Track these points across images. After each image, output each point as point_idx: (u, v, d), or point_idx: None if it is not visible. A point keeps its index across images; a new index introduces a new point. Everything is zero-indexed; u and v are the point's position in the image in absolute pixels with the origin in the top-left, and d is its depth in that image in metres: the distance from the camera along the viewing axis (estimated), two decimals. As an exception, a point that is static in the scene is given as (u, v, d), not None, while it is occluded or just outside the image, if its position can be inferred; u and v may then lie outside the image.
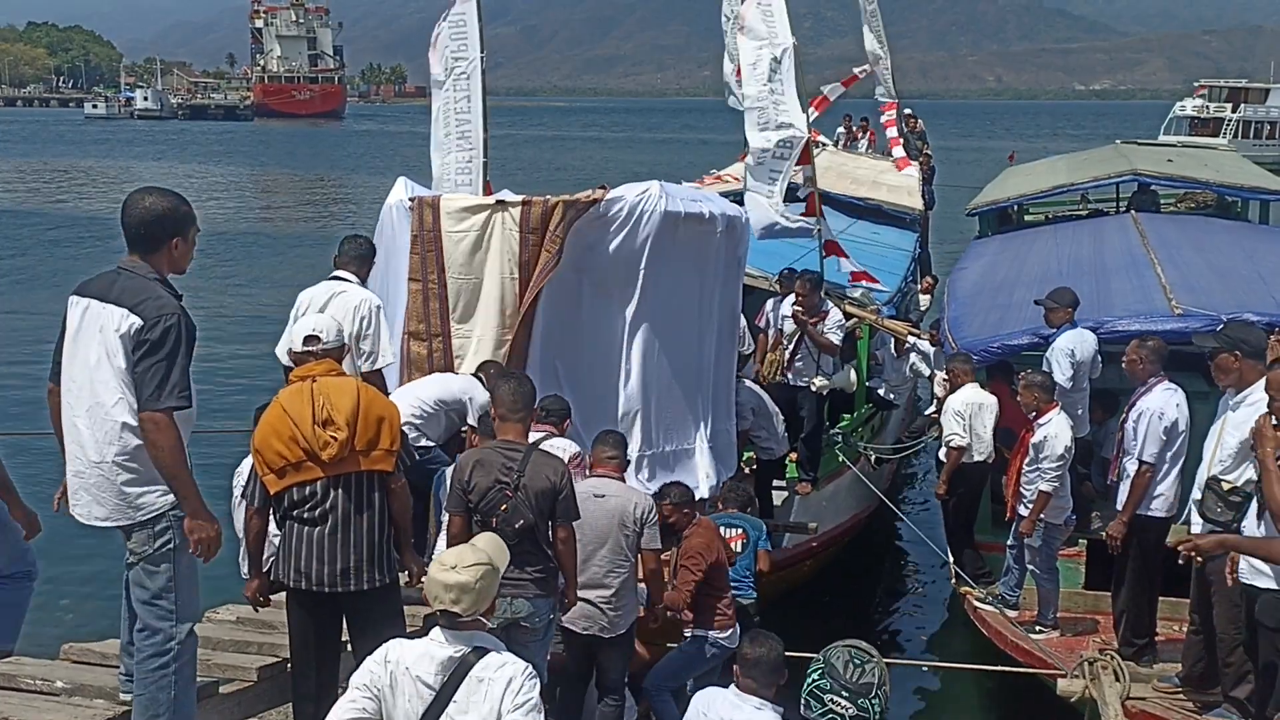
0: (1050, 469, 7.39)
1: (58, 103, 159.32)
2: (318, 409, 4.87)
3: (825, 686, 3.48)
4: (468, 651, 3.63)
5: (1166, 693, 6.52)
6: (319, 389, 4.94)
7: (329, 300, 6.45)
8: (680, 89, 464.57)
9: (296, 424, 4.86)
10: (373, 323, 6.38)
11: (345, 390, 4.95)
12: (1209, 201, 15.71)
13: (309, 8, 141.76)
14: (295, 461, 4.87)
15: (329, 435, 4.82)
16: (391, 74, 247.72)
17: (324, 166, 63.48)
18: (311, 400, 4.89)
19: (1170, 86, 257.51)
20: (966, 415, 8.37)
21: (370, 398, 4.99)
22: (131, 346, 4.21)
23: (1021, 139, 75.67)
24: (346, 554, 4.87)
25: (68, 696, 4.98)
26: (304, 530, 4.91)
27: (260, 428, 5.06)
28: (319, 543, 4.88)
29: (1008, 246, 13.58)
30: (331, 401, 4.88)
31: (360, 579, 4.90)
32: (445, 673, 3.60)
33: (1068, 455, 7.45)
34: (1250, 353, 5.98)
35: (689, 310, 7.91)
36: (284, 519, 4.99)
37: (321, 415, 4.85)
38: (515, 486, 5.29)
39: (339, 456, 4.83)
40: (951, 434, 8.46)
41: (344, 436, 4.82)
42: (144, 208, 4.37)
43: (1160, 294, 8.85)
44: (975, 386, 8.53)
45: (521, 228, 7.40)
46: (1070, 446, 7.47)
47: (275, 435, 4.92)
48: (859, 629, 9.62)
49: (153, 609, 4.40)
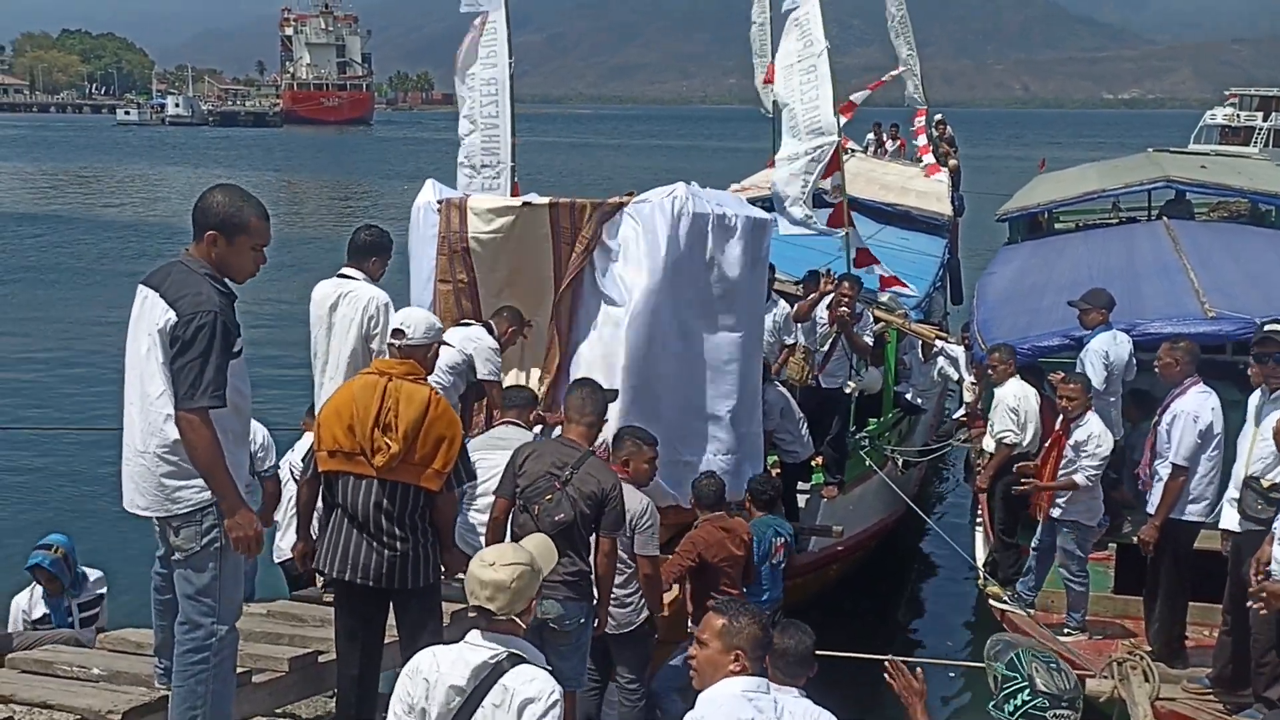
0: (1088, 466, 7.37)
1: (90, 109, 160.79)
2: (384, 411, 4.84)
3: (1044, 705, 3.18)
4: (502, 657, 3.56)
5: (1196, 693, 6.48)
6: (392, 389, 4.89)
7: (337, 299, 6.35)
8: (705, 97, 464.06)
9: (359, 417, 4.86)
10: (380, 322, 6.24)
11: (415, 400, 4.87)
12: (1242, 210, 15.58)
13: (338, 16, 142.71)
14: (348, 451, 4.88)
15: (385, 441, 4.81)
16: (419, 81, 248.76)
17: (352, 172, 63.86)
18: (381, 399, 4.86)
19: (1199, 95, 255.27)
20: (1021, 411, 8.29)
21: (437, 415, 4.89)
22: (168, 342, 4.23)
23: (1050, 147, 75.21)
24: (389, 552, 4.89)
25: (104, 683, 5.05)
26: (348, 524, 4.94)
27: (327, 404, 5.11)
28: (361, 538, 4.91)
29: (1038, 252, 13.54)
30: (399, 408, 4.84)
31: (404, 578, 4.92)
32: (477, 677, 3.54)
33: (1108, 456, 7.44)
34: None
35: (713, 312, 7.91)
36: (330, 508, 5.03)
37: (385, 419, 4.83)
38: (565, 481, 5.30)
39: (389, 466, 4.83)
40: (1005, 430, 8.32)
41: (398, 449, 4.80)
42: (203, 197, 4.39)
43: (1193, 297, 8.80)
44: (1018, 379, 8.48)
45: (553, 228, 7.45)
46: (1111, 447, 7.46)
47: (337, 418, 4.94)
48: (885, 631, 9.64)
49: (197, 604, 4.41)
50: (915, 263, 12.92)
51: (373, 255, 6.52)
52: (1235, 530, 6.09)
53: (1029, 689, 3.28)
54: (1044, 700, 3.24)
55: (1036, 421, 8.32)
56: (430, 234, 7.88)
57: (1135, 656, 6.67)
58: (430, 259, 7.86)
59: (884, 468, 9.99)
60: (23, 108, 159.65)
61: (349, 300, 6.33)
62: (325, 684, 5.51)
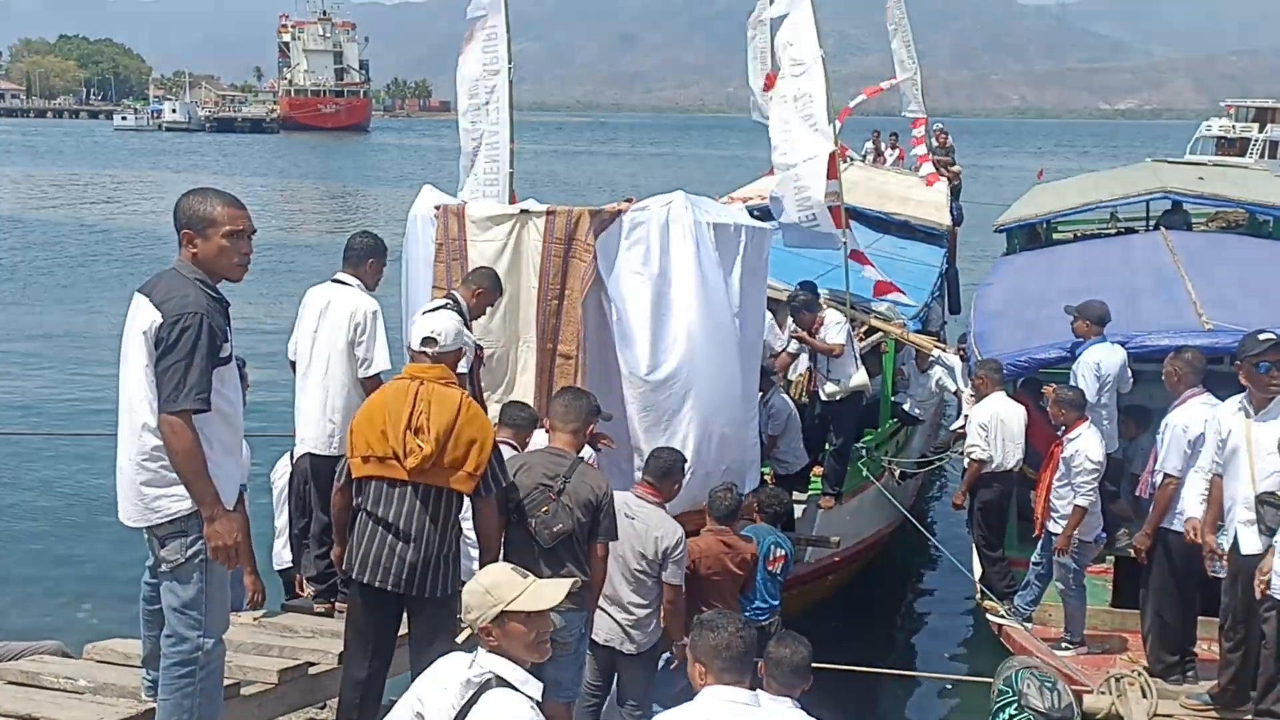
0: (1083, 483, 7.31)
1: (87, 114, 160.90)
2: (415, 414, 4.87)
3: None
4: (490, 677, 3.48)
5: (1195, 709, 6.42)
6: (423, 393, 4.93)
7: (327, 305, 6.32)
8: (703, 105, 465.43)
9: (391, 421, 4.89)
10: (368, 329, 6.20)
11: (447, 403, 4.91)
12: (1240, 220, 15.59)
13: (336, 22, 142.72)
14: (381, 456, 4.90)
15: (417, 443, 4.83)
16: (417, 88, 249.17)
17: (349, 179, 63.85)
18: (413, 403, 4.89)
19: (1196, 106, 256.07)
20: (991, 428, 8.30)
21: (469, 418, 4.93)
22: (153, 344, 4.18)
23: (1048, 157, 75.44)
24: (415, 558, 4.89)
25: (91, 695, 4.99)
26: (376, 527, 4.94)
27: (360, 412, 5.13)
28: (388, 542, 4.91)
29: (1036, 262, 13.51)
30: (430, 411, 4.87)
31: (424, 585, 4.92)
32: (462, 697, 3.48)
33: (1100, 469, 7.37)
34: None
35: (715, 321, 7.86)
36: (358, 511, 5.02)
37: (417, 422, 4.86)
38: (559, 491, 5.28)
39: (421, 468, 4.85)
40: (972, 445, 8.41)
41: (429, 451, 4.82)
42: (180, 201, 4.36)
43: (1190, 309, 8.76)
44: (1001, 395, 8.46)
45: (545, 237, 7.39)
46: (1101, 460, 7.39)
47: (369, 424, 4.97)
48: (883, 643, 9.59)
49: (183, 617, 4.36)
50: (913, 272, 12.86)
51: (370, 258, 6.50)
52: (1259, 553, 5.95)
53: (1017, 704, 3.29)
54: (1031, 716, 3.26)
55: (1015, 438, 8.30)
56: (427, 241, 7.84)
57: (1133, 672, 6.62)
58: (428, 266, 7.82)
59: (881, 479, 9.94)
60: (19, 113, 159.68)
61: (338, 305, 6.31)
62: (315, 696, 5.46)
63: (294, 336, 6.54)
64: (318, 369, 6.28)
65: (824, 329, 9.08)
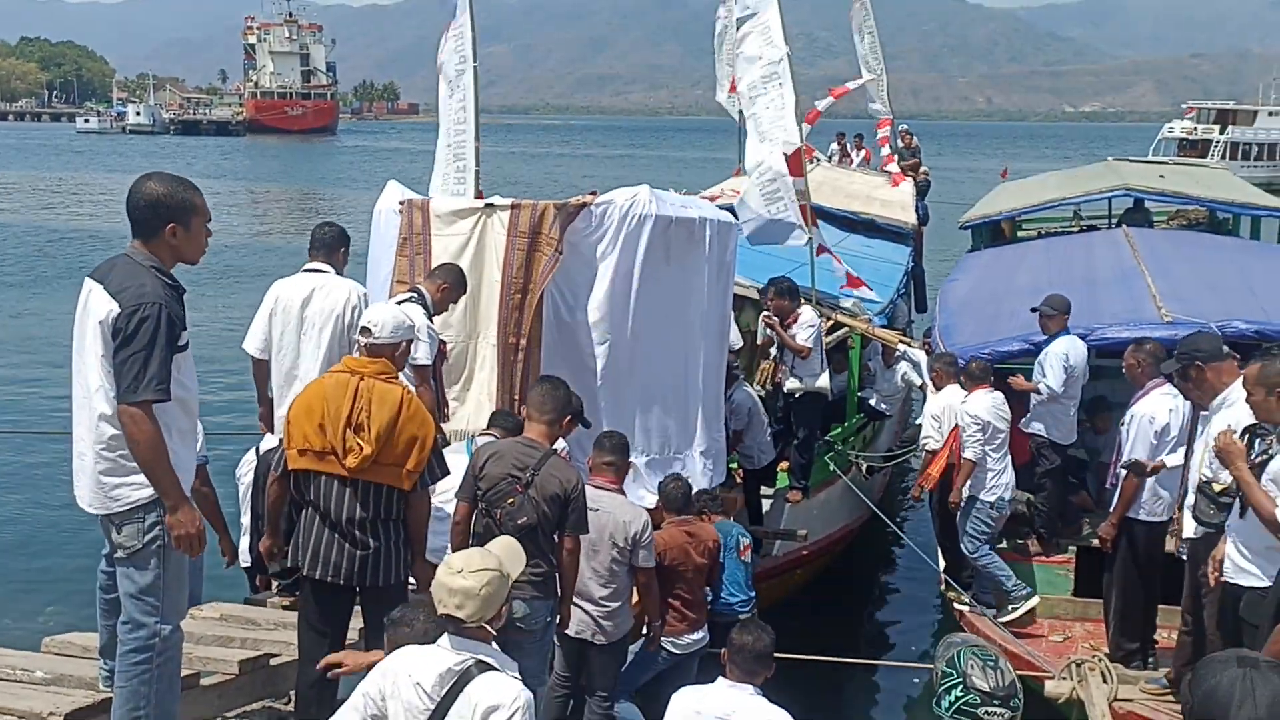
0: (969, 439, 7.80)
1: (49, 117, 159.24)
2: (356, 411, 4.81)
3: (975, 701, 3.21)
4: (470, 664, 3.50)
5: (1154, 694, 6.50)
6: (364, 389, 4.86)
7: (311, 293, 6.26)
8: (673, 108, 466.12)
9: (330, 416, 4.82)
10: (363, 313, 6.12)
11: (388, 401, 4.85)
12: (1201, 218, 15.75)
13: (302, 24, 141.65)
14: (319, 450, 4.86)
15: (357, 441, 4.79)
16: (384, 91, 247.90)
17: (315, 181, 63.37)
18: (353, 399, 4.83)
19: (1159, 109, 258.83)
20: (944, 419, 8.40)
21: (409, 415, 4.88)
22: (110, 334, 4.14)
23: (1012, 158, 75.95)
24: (362, 551, 4.87)
25: (47, 686, 4.94)
26: (321, 524, 4.91)
27: (297, 401, 5.04)
28: (334, 536, 4.88)
29: (1000, 259, 13.61)
30: (370, 408, 4.81)
31: (376, 575, 4.91)
32: (445, 684, 3.48)
33: (984, 426, 7.81)
34: (1209, 357, 5.97)
35: (680, 316, 7.88)
36: (301, 506, 4.98)
37: (357, 419, 4.81)
38: (526, 483, 5.26)
39: (360, 468, 4.81)
40: (925, 437, 8.57)
41: (369, 451, 4.78)
42: (142, 192, 4.28)
43: (1150, 302, 8.85)
44: (956, 388, 8.54)
45: (510, 231, 7.38)
46: (980, 419, 7.84)
47: (307, 416, 4.90)
48: (851, 635, 9.63)
49: (139, 604, 4.32)
50: (880, 270, 12.92)
51: (341, 246, 6.58)
52: (1193, 537, 6.10)
53: (963, 685, 3.30)
54: (976, 696, 3.28)
55: None
56: (391, 235, 7.80)
57: (1094, 658, 6.69)
58: (389, 260, 7.78)
59: (848, 473, 9.99)
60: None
61: (325, 294, 6.26)
62: (276, 687, 5.42)
63: (260, 330, 6.42)
64: (309, 359, 6.21)
65: (796, 326, 9.11)
